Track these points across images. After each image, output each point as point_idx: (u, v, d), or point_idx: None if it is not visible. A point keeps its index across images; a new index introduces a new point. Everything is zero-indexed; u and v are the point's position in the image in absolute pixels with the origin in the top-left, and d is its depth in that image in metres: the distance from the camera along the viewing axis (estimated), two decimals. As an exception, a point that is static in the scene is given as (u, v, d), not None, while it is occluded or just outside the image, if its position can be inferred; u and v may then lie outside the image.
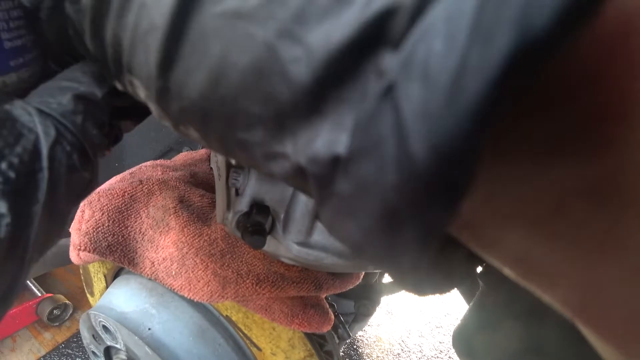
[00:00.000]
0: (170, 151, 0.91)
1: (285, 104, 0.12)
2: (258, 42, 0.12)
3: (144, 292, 0.56)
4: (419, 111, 0.10)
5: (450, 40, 0.09)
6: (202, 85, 0.13)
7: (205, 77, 0.13)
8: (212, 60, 0.13)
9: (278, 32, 0.12)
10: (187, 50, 0.13)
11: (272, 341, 0.54)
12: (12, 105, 0.17)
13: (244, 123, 0.13)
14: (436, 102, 0.09)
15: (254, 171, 0.40)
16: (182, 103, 0.14)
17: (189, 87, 0.14)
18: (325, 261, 0.40)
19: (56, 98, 0.18)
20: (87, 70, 0.20)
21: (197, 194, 0.54)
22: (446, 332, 1.61)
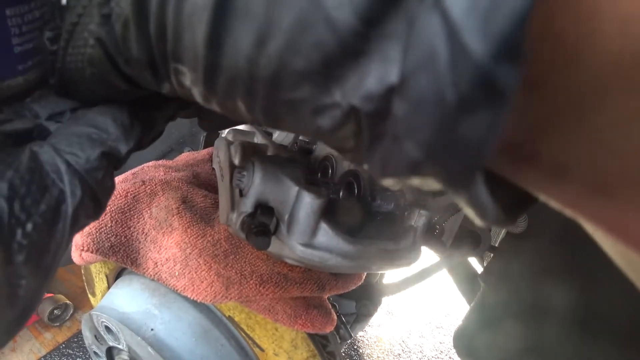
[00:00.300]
0: (172, 151, 0.91)
1: (332, 51, 0.13)
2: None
3: (147, 292, 0.55)
4: (467, 7, 0.10)
5: None
6: (249, 50, 0.14)
7: (251, 41, 0.14)
8: (257, 24, 0.13)
9: None
10: (233, 20, 0.14)
11: (274, 342, 0.54)
12: (40, 149, 0.18)
13: (290, 81, 0.14)
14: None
15: (258, 172, 0.40)
16: (229, 74, 0.15)
17: (236, 56, 0.14)
18: (329, 262, 0.40)
19: (85, 152, 0.19)
20: (117, 118, 0.20)
21: (200, 195, 0.54)
22: (447, 333, 1.61)
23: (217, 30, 0.14)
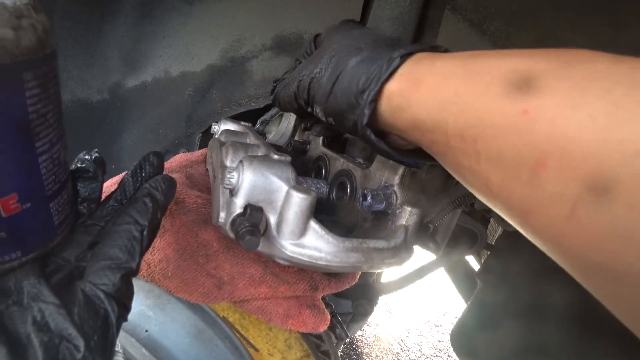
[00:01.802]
0: (167, 153, 0.91)
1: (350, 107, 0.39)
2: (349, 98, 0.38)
3: (141, 294, 0.56)
4: None
5: None
6: (337, 102, 0.40)
7: (338, 100, 0.40)
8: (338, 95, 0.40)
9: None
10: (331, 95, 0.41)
11: (268, 342, 0.54)
12: (85, 287, 0.29)
13: (344, 112, 0.40)
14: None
15: (247, 172, 0.40)
16: (328, 111, 0.42)
17: (330, 106, 0.41)
18: (319, 261, 0.40)
19: (110, 279, 0.30)
20: (122, 245, 0.31)
21: (193, 196, 0.54)
22: (445, 331, 1.61)
23: (329, 96, 0.40)
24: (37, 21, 0.23)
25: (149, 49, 0.86)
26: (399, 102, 0.34)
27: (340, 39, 0.44)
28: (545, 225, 0.24)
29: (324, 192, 0.56)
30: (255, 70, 0.81)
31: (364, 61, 0.38)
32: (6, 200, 0.24)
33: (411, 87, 0.33)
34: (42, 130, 0.25)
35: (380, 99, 0.36)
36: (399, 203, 0.48)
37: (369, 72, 0.36)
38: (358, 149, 0.70)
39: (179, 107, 0.88)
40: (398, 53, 0.35)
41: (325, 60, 0.42)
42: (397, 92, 0.34)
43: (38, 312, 0.27)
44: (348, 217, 0.54)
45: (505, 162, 0.25)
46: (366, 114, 0.36)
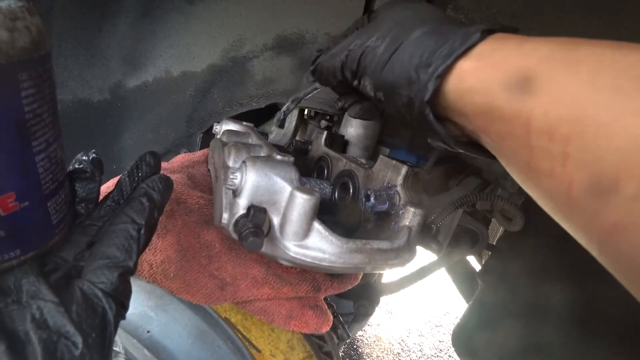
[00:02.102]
0: (168, 153, 0.91)
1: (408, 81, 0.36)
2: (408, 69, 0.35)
3: (143, 294, 0.55)
4: None
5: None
6: (393, 74, 0.37)
7: (394, 72, 0.36)
8: (396, 66, 0.37)
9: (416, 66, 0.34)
10: (387, 66, 0.37)
11: (271, 343, 0.54)
12: (83, 285, 0.30)
13: (398, 87, 0.36)
14: None
15: (250, 173, 0.40)
16: (380, 84, 0.39)
17: (384, 78, 0.38)
18: (323, 262, 0.40)
19: (108, 278, 0.30)
20: (119, 244, 0.32)
21: (195, 196, 0.54)
22: (446, 331, 1.61)
23: (383, 69, 0.38)
24: (32, 23, 0.24)
25: (149, 49, 0.86)
26: (472, 83, 0.30)
27: (402, 10, 0.40)
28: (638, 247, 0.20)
29: (327, 192, 0.56)
30: (256, 70, 0.81)
31: (430, 33, 0.34)
32: (4, 199, 0.25)
33: (491, 67, 0.29)
34: (38, 129, 0.25)
35: (448, 77, 0.32)
36: (402, 204, 0.48)
37: (437, 45, 0.32)
38: (360, 149, 0.70)
39: (179, 107, 0.88)
40: (477, 28, 0.31)
41: (383, 30, 0.39)
42: (472, 71, 0.30)
43: (37, 309, 0.27)
44: (350, 218, 0.54)
45: (604, 169, 0.21)
46: (430, 89, 0.32)
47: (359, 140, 0.70)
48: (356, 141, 0.70)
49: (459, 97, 0.32)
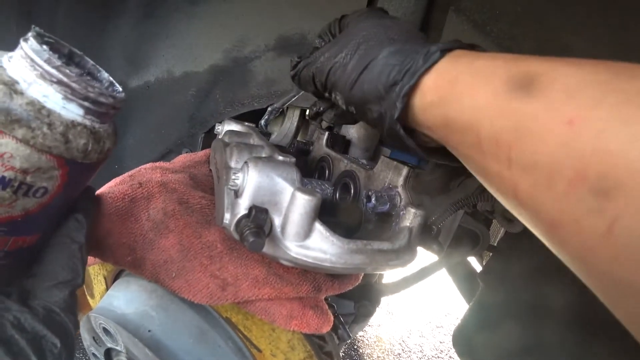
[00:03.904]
0: (170, 153, 0.91)
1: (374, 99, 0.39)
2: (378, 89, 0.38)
3: (144, 294, 0.56)
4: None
5: None
6: (363, 92, 0.39)
7: (364, 90, 0.39)
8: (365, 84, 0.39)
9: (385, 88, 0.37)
10: (357, 84, 0.39)
11: (271, 342, 0.54)
12: (40, 302, 0.34)
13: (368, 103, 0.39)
14: None
15: (252, 173, 0.40)
16: (351, 100, 0.41)
17: (354, 95, 0.40)
18: (324, 263, 0.40)
19: (60, 296, 0.35)
20: (64, 264, 0.36)
21: (197, 196, 0.54)
22: (447, 332, 1.61)
23: (352, 86, 0.40)
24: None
25: (152, 49, 0.86)
26: (432, 98, 0.33)
27: (370, 27, 0.42)
28: (577, 240, 0.23)
29: (328, 193, 0.56)
30: (258, 71, 0.81)
31: (397, 52, 0.37)
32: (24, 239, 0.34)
33: (447, 84, 0.32)
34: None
35: (413, 94, 0.35)
36: (403, 204, 0.48)
37: (402, 65, 0.35)
38: (361, 150, 0.70)
39: (181, 107, 0.88)
40: (437, 47, 0.34)
41: (351, 46, 0.40)
42: (433, 88, 0.33)
43: (14, 319, 0.31)
44: (351, 219, 0.54)
45: (540, 171, 0.24)
46: (398, 108, 0.35)
47: (360, 140, 0.70)
48: (357, 142, 0.70)
49: (422, 111, 0.35)
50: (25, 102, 0.29)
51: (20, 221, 0.32)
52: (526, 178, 0.25)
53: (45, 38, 0.33)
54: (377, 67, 0.37)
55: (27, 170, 0.30)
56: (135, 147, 0.93)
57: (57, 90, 0.30)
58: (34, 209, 0.32)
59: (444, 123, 0.32)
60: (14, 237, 0.33)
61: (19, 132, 0.29)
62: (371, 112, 0.39)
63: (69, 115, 0.31)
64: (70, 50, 0.36)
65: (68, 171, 0.32)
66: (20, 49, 0.30)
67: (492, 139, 0.27)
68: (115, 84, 0.38)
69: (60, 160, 0.31)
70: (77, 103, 0.32)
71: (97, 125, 0.34)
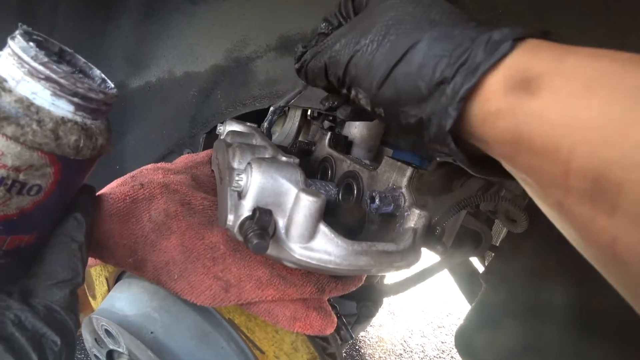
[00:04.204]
0: (171, 153, 0.91)
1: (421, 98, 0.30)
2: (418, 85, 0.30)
3: (146, 295, 0.55)
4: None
5: None
6: (396, 90, 0.31)
7: (398, 88, 0.31)
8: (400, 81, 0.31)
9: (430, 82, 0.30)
10: (388, 80, 0.31)
11: (275, 344, 0.54)
12: (41, 301, 0.34)
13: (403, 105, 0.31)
14: None
15: (255, 175, 0.40)
16: (379, 100, 0.33)
17: (384, 94, 0.32)
18: (328, 265, 0.40)
19: (61, 295, 0.35)
20: (64, 263, 0.36)
21: (199, 197, 0.54)
22: (448, 332, 1.61)
23: (380, 84, 0.32)
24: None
25: (153, 49, 0.86)
26: (499, 106, 0.25)
27: (402, 5, 0.32)
28: None
29: (332, 194, 0.56)
30: (259, 71, 0.81)
31: (443, 39, 0.28)
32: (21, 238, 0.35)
33: (523, 88, 0.24)
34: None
35: (471, 98, 0.26)
36: (407, 205, 0.48)
37: (453, 56, 0.27)
38: (364, 150, 0.70)
39: (183, 108, 0.88)
40: (503, 34, 0.25)
41: (378, 30, 0.32)
42: (501, 92, 0.25)
43: (15, 317, 0.32)
44: (354, 219, 0.54)
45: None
46: (452, 116, 0.27)
47: (362, 140, 0.70)
48: (360, 142, 0.70)
49: (482, 121, 0.26)
50: (13, 99, 0.29)
51: (16, 220, 0.32)
52: (634, 232, 0.19)
53: (34, 36, 0.33)
54: (417, 58, 0.29)
55: (19, 168, 0.30)
56: (136, 147, 0.92)
57: (45, 86, 0.30)
58: (29, 207, 0.32)
59: (514, 140, 0.24)
60: (11, 236, 0.33)
61: (8, 129, 0.29)
62: (406, 117, 0.31)
63: (58, 111, 0.31)
64: (60, 48, 0.36)
65: (61, 168, 0.32)
66: (7, 47, 0.31)
67: (588, 175, 0.20)
68: (108, 80, 0.38)
69: (52, 157, 0.31)
70: (67, 99, 0.32)
71: (89, 121, 0.34)
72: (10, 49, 0.30)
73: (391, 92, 0.31)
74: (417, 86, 0.29)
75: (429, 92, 0.28)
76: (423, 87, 0.28)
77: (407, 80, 0.29)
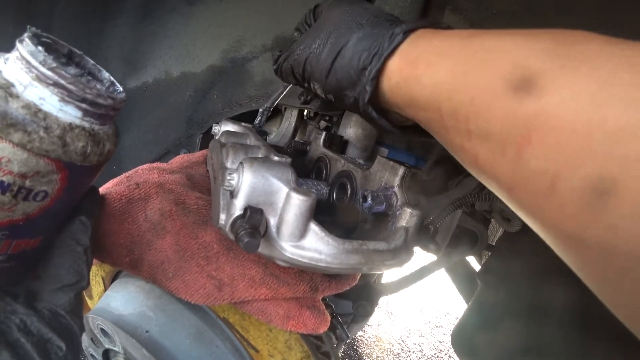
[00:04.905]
0: (168, 153, 0.91)
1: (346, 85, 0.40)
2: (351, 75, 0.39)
3: (142, 295, 0.56)
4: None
5: None
6: (337, 79, 0.40)
7: (338, 77, 0.40)
8: (338, 71, 0.40)
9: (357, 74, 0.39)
10: (331, 72, 0.40)
11: (269, 343, 0.54)
12: (46, 305, 0.35)
13: (344, 89, 0.40)
14: None
15: (247, 174, 0.40)
16: (328, 88, 0.42)
17: (330, 83, 0.41)
18: (319, 263, 0.40)
19: (65, 299, 0.36)
20: (68, 267, 0.36)
21: (193, 197, 0.54)
22: (446, 332, 1.61)
23: (328, 74, 0.41)
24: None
25: (149, 50, 0.86)
26: (397, 80, 0.35)
27: (340, 14, 0.43)
28: (527, 200, 0.25)
29: (324, 193, 0.56)
30: (255, 71, 0.81)
31: (365, 37, 0.38)
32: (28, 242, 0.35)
33: (409, 64, 0.34)
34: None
35: (381, 77, 0.36)
36: (399, 204, 0.48)
37: (370, 49, 0.36)
38: (359, 150, 0.70)
39: (179, 108, 0.88)
40: (400, 29, 0.35)
41: (323, 35, 0.42)
42: (397, 69, 0.35)
43: (20, 322, 0.32)
44: (348, 218, 0.54)
45: (493, 139, 0.26)
46: (368, 91, 0.36)
47: (357, 140, 0.70)
48: (355, 142, 0.70)
49: (390, 93, 0.36)
50: (21, 105, 0.29)
51: (21, 225, 0.32)
52: (483, 147, 0.27)
53: (43, 39, 0.33)
54: (348, 53, 0.38)
55: (25, 175, 0.30)
56: (133, 148, 0.93)
57: (53, 92, 0.30)
58: (35, 212, 0.32)
59: (410, 102, 0.34)
60: (16, 241, 0.33)
61: (15, 136, 0.28)
62: (347, 98, 0.40)
63: (66, 117, 0.31)
64: (69, 50, 0.35)
65: (67, 174, 0.32)
66: (15, 50, 0.30)
67: (452, 113, 0.29)
68: (116, 83, 0.37)
69: (59, 164, 0.31)
70: (75, 105, 0.31)
71: (97, 127, 0.33)
72: (19, 53, 0.30)
73: (334, 81, 0.40)
74: (350, 74, 0.38)
75: (357, 77, 0.38)
76: (353, 74, 0.38)
77: (343, 70, 0.39)
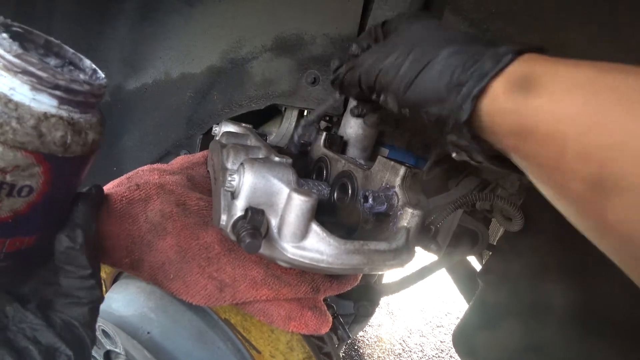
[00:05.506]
0: (168, 154, 0.91)
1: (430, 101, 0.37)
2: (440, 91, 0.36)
3: (143, 296, 0.56)
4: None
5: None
6: (420, 93, 0.38)
7: (421, 91, 0.38)
8: (423, 85, 0.37)
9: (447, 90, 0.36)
10: (413, 85, 0.38)
11: (270, 344, 0.54)
12: (60, 315, 0.36)
13: (426, 105, 0.37)
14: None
15: (248, 175, 0.40)
16: (405, 102, 0.39)
17: (409, 97, 0.38)
18: (321, 264, 0.40)
19: (79, 312, 0.36)
20: (78, 287, 0.36)
21: (194, 198, 0.54)
22: (447, 332, 1.61)
23: (405, 89, 0.38)
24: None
25: (149, 51, 0.86)
26: (504, 104, 0.31)
27: (424, 28, 0.41)
28: None
29: (325, 194, 0.56)
30: (255, 72, 0.81)
31: (458, 53, 0.35)
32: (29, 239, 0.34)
33: (523, 90, 0.30)
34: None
35: (481, 98, 0.33)
36: (400, 205, 0.48)
37: (467, 66, 0.33)
38: (359, 150, 0.70)
39: (179, 109, 0.88)
40: (507, 50, 0.32)
41: (403, 48, 0.40)
42: (505, 92, 0.31)
43: (29, 330, 0.32)
44: (349, 219, 0.54)
45: (636, 195, 0.22)
46: (466, 110, 0.33)
47: (357, 141, 0.70)
48: (355, 142, 0.70)
49: (490, 117, 0.32)
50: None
51: (11, 222, 0.31)
52: (619, 201, 0.23)
53: (14, 28, 0.31)
54: (437, 67, 0.36)
55: (4, 170, 0.28)
56: (133, 149, 0.93)
57: (23, 81, 0.28)
58: (23, 209, 0.31)
59: (518, 132, 0.30)
60: (9, 239, 0.32)
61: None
62: (428, 115, 0.37)
63: (40, 107, 0.29)
64: (46, 40, 0.33)
65: (50, 167, 0.30)
66: None
67: (580, 154, 0.25)
68: (99, 71, 0.35)
69: (38, 156, 0.29)
70: (48, 93, 0.29)
71: (76, 115, 0.31)
72: None
73: (415, 95, 0.38)
74: (438, 89, 0.35)
75: (448, 93, 0.35)
76: (443, 90, 0.35)
77: (430, 84, 0.36)
